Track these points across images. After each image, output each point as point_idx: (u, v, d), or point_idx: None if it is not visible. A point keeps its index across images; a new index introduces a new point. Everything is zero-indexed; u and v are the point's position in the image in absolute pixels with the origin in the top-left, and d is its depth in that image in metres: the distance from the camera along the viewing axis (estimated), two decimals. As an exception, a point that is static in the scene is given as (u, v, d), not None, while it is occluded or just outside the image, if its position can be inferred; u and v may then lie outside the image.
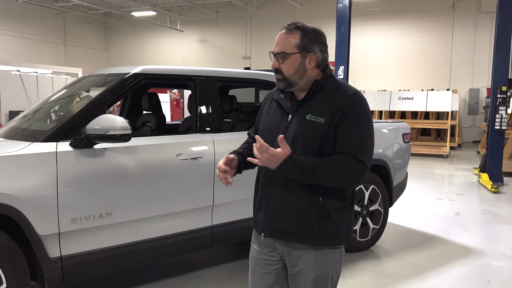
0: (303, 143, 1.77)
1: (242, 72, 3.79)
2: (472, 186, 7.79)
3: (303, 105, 1.82)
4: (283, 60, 1.81)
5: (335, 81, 1.85)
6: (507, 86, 7.70)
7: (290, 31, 1.82)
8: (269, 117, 1.93)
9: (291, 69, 1.80)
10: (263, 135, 1.92)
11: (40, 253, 2.51)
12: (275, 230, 1.83)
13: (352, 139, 1.73)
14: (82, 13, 19.38)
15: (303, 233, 1.79)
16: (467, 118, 16.05)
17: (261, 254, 1.95)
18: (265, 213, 1.87)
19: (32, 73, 11.66)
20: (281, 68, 1.81)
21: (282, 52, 1.80)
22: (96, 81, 3.41)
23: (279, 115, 1.88)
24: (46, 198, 2.50)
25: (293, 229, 1.80)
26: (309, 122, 1.77)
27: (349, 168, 1.71)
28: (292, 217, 1.79)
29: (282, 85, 1.83)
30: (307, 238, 1.79)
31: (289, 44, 1.80)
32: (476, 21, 15.62)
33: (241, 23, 19.30)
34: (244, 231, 3.49)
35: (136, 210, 2.87)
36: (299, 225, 1.79)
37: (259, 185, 1.92)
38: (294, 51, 1.80)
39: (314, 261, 1.82)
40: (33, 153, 2.52)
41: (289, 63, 1.80)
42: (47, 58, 19.04)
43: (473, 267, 3.93)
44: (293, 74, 1.80)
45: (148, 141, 3.02)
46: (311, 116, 1.77)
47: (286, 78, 1.81)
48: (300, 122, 1.79)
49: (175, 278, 3.59)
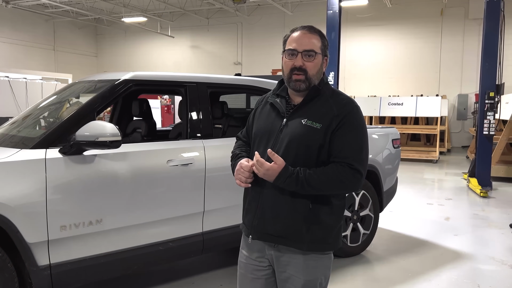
0: (297, 147, 1.77)
1: (232, 78, 3.80)
2: (461, 191, 7.86)
3: (300, 109, 1.82)
4: (312, 58, 1.78)
5: (330, 88, 1.87)
6: (495, 92, 7.81)
7: (311, 32, 1.82)
8: (263, 120, 1.93)
9: (315, 68, 1.80)
10: (255, 137, 1.92)
11: (28, 261, 2.47)
12: (264, 232, 1.83)
13: (348, 148, 1.75)
14: (73, 19, 19.30)
15: (291, 237, 1.78)
16: (456, 123, 16.21)
17: (250, 259, 1.95)
18: (254, 215, 1.87)
19: (22, 79, 11.57)
20: (305, 67, 1.78)
21: (311, 50, 1.78)
22: (86, 87, 3.40)
23: (273, 118, 1.88)
24: (35, 205, 2.48)
25: (282, 232, 1.79)
26: (305, 127, 1.77)
27: (345, 178, 1.73)
28: (281, 220, 1.79)
29: (303, 86, 1.79)
30: (296, 242, 1.78)
31: (315, 44, 1.80)
32: (464, 28, 15.84)
33: (232, 29, 19.36)
34: (235, 237, 3.48)
35: (126, 217, 2.85)
36: (288, 228, 1.78)
37: (249, 187, 1.90)
38: (319, 52, 1.81)
39: (303, 267, 1.81)
40: (22, 160, 2.50)
41: (316, 62, 1.80)
42: (37, 64, 18.90)
43: (463, 272, 3.96)
44: (315, 74, 1.81)
45: (139, 147, 3.00)
46: (307, 121, 1.78)
47: (308, 78, 1.79)
48: (295, 126, 1.79)
49: (166, 285, 3.57)
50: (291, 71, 1.79)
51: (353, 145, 1.76)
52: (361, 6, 16.02)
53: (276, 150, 1.80)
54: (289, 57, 1.81)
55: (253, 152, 1.90)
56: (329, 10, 9.01)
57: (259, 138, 1.90)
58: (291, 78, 1.80)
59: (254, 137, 1.95)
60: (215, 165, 3.27)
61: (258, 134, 1.92)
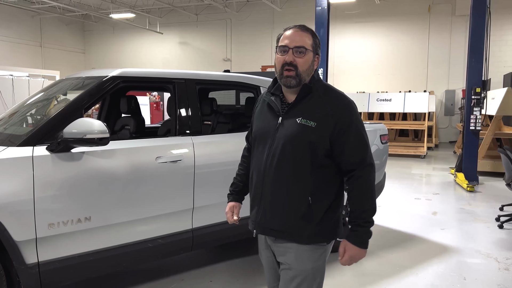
0: (293, 146, 1.82)
1: (221, 74, 3.80)
2: (448, 186, 7.96)
3: (293, 108, 1.87)
4: (302, 54, 1.83)
5: (323, 85, 1.91)
6: (481, 88, 7.91)
7: (303, 30, 1.87)
8: (261, 120, 1.99)
9: (306, 64, 1.85)
10: (255, 137, 2.00)
11: (16, 259, 2.45)
12: (266, 227, 1.92)
13: (357, 153, 1.84)
14: (59, 15, 19.06)
15: (291, 231, 1.86)
16: (443, 119, 16.39)
17: (263, 251, 2.08)
18: (257, 211, 1.94)
19: (8, 76, 11.41)
20: (296, 62, 1.82)
21: (302, 46, 1.83)
22: (74, 84, 3.37)
23: (270, 118, 1.93)
24: (23, 203, 2.46)
25: (282, 227, 1.87)
26: (300, 126, 1.82)
27: (368, 179, 1.85)
28: (281, 215, 1.86)
29: (294, 82, 1.84)
30: (296, 236, 1.86)
31: (306, 42, 1.85)
32: (451, 24, 15.99)
33: (221, 26, 19.30)
34: (225, 233, 3.50)
35: (115, 214, 2.84)
36: (288, 223, 1.86)
37: (252, 184, 1.98)
38: (310, 49, 1.86)
39: (295, 257, 1.88)
40: (9, 158, 2.47)
41: (306, 58, 1.85)
42: (23, 61, 18.65)
43: (450, 265, 4.02)
44: (306, 70, 1.85)
45: (127, 144, 2.99)
46: (302, 120, 1.82)
47: (299, 74, 1.83)
48: (290, 125, 1.84)
49: (155, 282, 3.57)
50: (283, 66, 1.84)
51: (360, 147, 1.85)
52: (350, 3, 16.09)
53: (274, 149, 1.86)
54: (281, 54, 1.86)
55: (253, 152, 2.00)
56: (317, 7, 9.03)
57: (258, 139, 1.97)
58: (282, 74, 1.85)
59: (254, 137, 2.03)
60: (204, 162, 3.28)
61: (257, 135, 1.98)
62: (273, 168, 1.86)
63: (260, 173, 1.91)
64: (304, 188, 1.83)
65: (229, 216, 2.12)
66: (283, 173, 1.84)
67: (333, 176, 1.88)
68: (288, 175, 1.84)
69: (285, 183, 1.84)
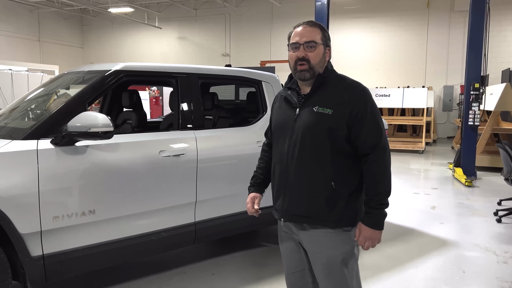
0: (312, 134, 1.90)
1: (223, 69, 3.81)
2: (447, 180, 8.01)
3: (310, 98, 1.95)
4: (313, 48, 1.92)
5: (337, 75, 2.00)
6: (479, 83, 7.94)
7: (311, 26, 1.97)
8: (279, 114, 2.07)
9: (317, 58, 1.93)
10: (275, 132, 2.08)
11: (21, 252, 2.48)
12: (292, 214, 1.99)
13: (372, 136, 1.90)
14: (58, 9, 18.97)
15: (317, 216, 1.93)
16: (441, 114, 16.43)
17: (286, 238, 2.12)
18: (283, 200, 2.01)
19: (7, 71, 11.38)
20: (308, 57, 1.91)
21: (312, 41, 1.92)
22: (75, 78, 3.38)
23: (288, 111, 2.01)
24: (28, 196, 2.48)
25: (308, 212, 1.94)
26: (317, 114, 1.90)
27: (382, 161, 1.91)
28: (307, 202, 1.94)
29: (308, 75, 1.92)
30: (321, 220, 1.93)
31: (315, 36, 1.94)
32: (450, 20, 15.99)
33: (220, 21, 19.25)
34: (227, 227, 3.53)
35: (119, 207, 2.87)
36: (313, 208, 1.93)
37: (276, 176, 2.05)
38: (320, 42, 1.93)
39: (322, 243, 1.95)
40: (14, 151, 2.49)
41: (317, 52, 1.93)
42: (22, 55, 18.58)
43: (449, 258, 4.07)
44: (318, 63, 1.93)
45: (131, 138, 3.01)
46: (319, 108, 1.90)
47: (312, 67, 1.92)
48: (308, 114, 1.92)
49: (158, 274, 3.60)
50: (296, 62, 1.94)
51: (375, 131, 1.91)
52: (349, -2, 16.06)
53: (294, 139, 1.94)
54: (293, 50, 1.95)
55: (274, 145, 2.08)
56: (317, 2, 9.02)
57: (278, 131, 2.05)
58: (296, 69, 1.94)
59: (273, 131, 2.11)
60: (207, 156, 3.30)
61: (276, 128, 2.07)
62: (295, 157, 1.93)
63: (283, 164, 1.98)
64: (327, 173, 1.90)
65: (249, 206, 2.14)
66: (305, 160, 1.92)
67: (354, 161, 1.95)
68: (310, 162, 1.91)
69: (308, 170, 1.91)
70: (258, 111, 3.92)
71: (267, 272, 3.66)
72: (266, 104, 3.89)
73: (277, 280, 3.48)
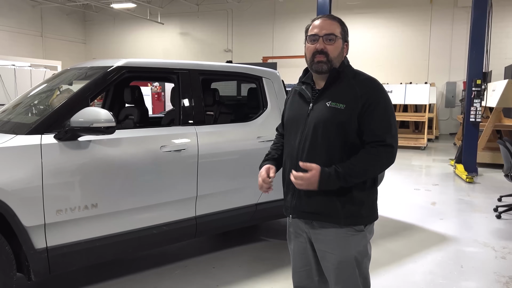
0: (323, 129, 1.88)
1: (224, 65, 3.84)
2: (448, 177, 8.03)
3: (324, 93, 1.93)
4: (332, 41, 1.90)
5: (352, 70, 1.98)
6: (481, 80, 7.94)
7: (331, 19, 1.95)
8: (292, 109, 2.06)
9: (336, 51, 1.91)
10: (287, 125, 2.06)
11: (26, 244, 2.53)
12: (302, 211, 1.96)
13: (379, 127, 1.86)
14: (60, 4, 19.00)
15: (327, 213, 1.90)
16: (444, 110, 16.42)
17: (293, 236, 2.11)
18: (292, 196, 1.99)
19: (10, 66, 11.43)
20: (327, 49, 1.89)
21: (332, 34, 1.90)
22: (78, 74, 3.42)
23: (301, 105, 2.00)
24: (32, 190, 2.52)
25: (318, 209, 1.92)
26: (330, 109, 1.88)
27: (380, 157, 1.86)
28: (317, 198, 1.90)
29: (325, 67, 1.90)
30: (332, 217, 1.90)
31: (335, 29, 1.92)
32: (453, 16, 15.95)
33: (222, 16, 19.24)
34: (227, 221, 3.57)
35: (121, 201, 2.91)
36: (323, 205, 1.90)
37: (286, 170, 2.02)
38: (339, 36, 1.92)
39: (335, 243, 1.92)
40: (18, 146, 2.53)
41: (336, 45, 1.92)
42: (24, 51, 18.63)
43: (447, 253, 4.10)
44: (336, 57, 1.92)
45: (132, 133, 3.05)
46: (331, 103, 1.89)
47: (330, 60, 1.90)
48: (321, 109, 1.91)
49: (160, 268, 3.65)
50: (313, 54, 1.91)
51: (383, 123, 1.87)
52: (351, -6, 16.02)
53: (305, 133, 1.92)
54: (311, 42, 1.93)
55: (286, 139, 2.06)
56: (319, -2, 9.01)
57: (290, 126, 2.04)
58: (313, 61, 1.91)
59: (286, 125, 2.09)
60: (208, 151, 3.34)
61: (289, 122, 2.06)
62: (306, 151, 1.91)
63: (293, 158, 1.96)
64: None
65: (263, 174, 2.01)
66: (316, 155, 1.89)
67: None
68: (321, 157, 1.87)
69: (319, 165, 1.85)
70: (259, 107, 3.95)
71: (268, 265, 3.70)
72: (267, 100, 3.92)
73: (278, 274, 3.52)
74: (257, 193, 3.67)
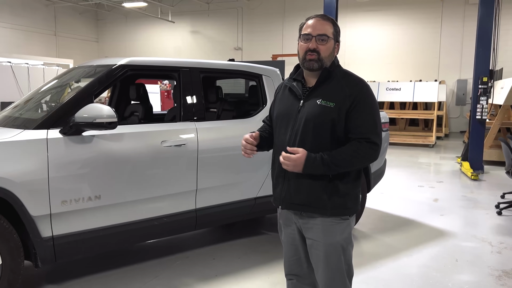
0: (314, 125, 1.99)
1: (224, 63, 3.96)
2: (454, 174, 8.04)
3: (314, 91, 2.04)
4: (324, 42, 2.01)
5: (342, 70, 2.09)
6: (488, 77, 7.93)
7: (324, 19, 2.05)
8: (283, 104, 2.16)
9: (327, 51, 2.02)
10: (277, 120, 2.17)
11: (33, 232, 2.69)
12: (291, 202, 2.08)
13: (365, 125, 1.98)
14: (73, 3, 19.32)
15: (315, 204, 2.03)
16: (455, 108, 16.31)
17: (283, 227, 2.23)
18: (281, 188, 2.10)
19: (23, 64, 11.71)
20: (319, 49, 2.00)
21: (324, 34, 2.01)
22: (86, 72, 3.57)
23: (292, 101, 2.10)
24: (38, 181, 2.68)
25: (306, 201, 2.03)
26: (320, 106, 1.99)
27: (364, 152, 1.97)
28: (305, 190, 2.03)
29: (316, 65, 2.00)
30: (319, 208, 2.03)
31: (328, 30, 2.03)
32: (464, 13, 15.81)
33: (232, 14, 19.36)
34: (227, 214, 3.70)
35: (123, 193, 3.06)
36: (311, 197, 2.02)
37: (275, 164, 2.13)
38: (331, 36, 2.03)
39: (322, 231, 2.04)
40: (26, 140, 2.69)
41: (328, 46, 2.02)
42: (38, 49, 19.00)
43: (444, 248, 4.17)
44: (327, 56, 2.03)
45: (134, 128, 3.19)
46: (322, 101, 2.00)
47: (321, 59, 2.00)
48: (311, 106, 2.02)
49: (161, 259, 3.79)
50: (306, 52, 2.01)
51: (368, 122, 1.98)
52: (361, -9, 15.99)
53: (296, 129, 2.03)
54: (304, 41, 2.03)
55: (276, 134, 2.17)
56: (326, -5, 9.07)
57: (280, 120, 2.13)
58: (305, 58, 2.02)
59: (275, 119, 2.19)
60: (207, 146, 3.47)
61: (279, 117, 2.14)
62: (296, 146, 2.00)
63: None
64: None
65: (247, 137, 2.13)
66: (306, 150, 1.96)
67: None
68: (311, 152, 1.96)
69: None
70: (259, 104, 4.07)
71: (267, 257, 3.82)
72: (266, 97, 4.03)
73: (276, 266, 3.64)
74: (256, 187, 3.79)
